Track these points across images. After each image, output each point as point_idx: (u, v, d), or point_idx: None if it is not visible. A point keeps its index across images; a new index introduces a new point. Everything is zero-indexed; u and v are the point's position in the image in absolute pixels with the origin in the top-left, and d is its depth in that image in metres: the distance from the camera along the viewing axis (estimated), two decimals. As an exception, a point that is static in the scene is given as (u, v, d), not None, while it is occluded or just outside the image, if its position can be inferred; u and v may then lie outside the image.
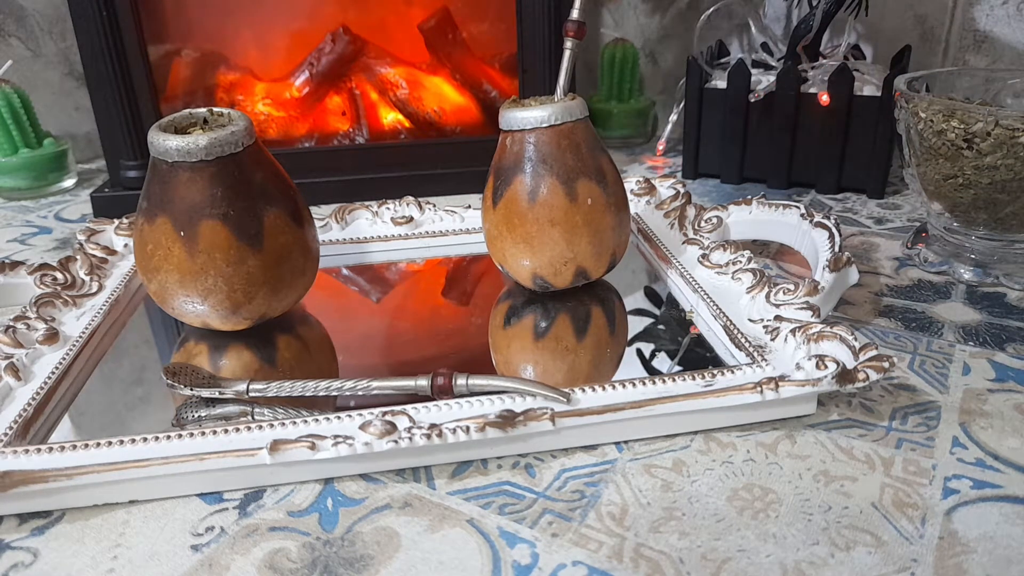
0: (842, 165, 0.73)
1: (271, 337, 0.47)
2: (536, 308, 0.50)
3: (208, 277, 0.43)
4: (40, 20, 0.88)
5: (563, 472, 0.37)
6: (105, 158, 0.73)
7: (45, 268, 0.51)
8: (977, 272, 0.55)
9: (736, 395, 0.38)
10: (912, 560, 0.31)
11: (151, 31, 0.70)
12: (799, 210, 0.54)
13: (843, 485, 0.35)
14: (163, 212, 0.43)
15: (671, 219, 0.58)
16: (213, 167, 0.42)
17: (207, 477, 0.35)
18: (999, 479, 0.35)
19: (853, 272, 0.48)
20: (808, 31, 0.75)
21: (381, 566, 0.31)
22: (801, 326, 0.42)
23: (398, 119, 0.80)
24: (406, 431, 0.35)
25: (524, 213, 0.46)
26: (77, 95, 0.91)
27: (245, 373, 0.44)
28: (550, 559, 0.32)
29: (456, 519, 0.34)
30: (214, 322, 0.45)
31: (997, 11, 0.78)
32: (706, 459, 0.37)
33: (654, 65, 0.98)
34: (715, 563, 0.31)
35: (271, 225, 0.44)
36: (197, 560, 0.32)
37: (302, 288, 0.48)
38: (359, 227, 0.61)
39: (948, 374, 0.44)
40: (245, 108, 0.78)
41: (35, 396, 0.40)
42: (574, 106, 0.46)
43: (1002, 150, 0.49)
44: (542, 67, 0.72)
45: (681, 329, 0.48)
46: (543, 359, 0.46)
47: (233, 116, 0.45)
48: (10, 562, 0.32)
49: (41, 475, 0.34)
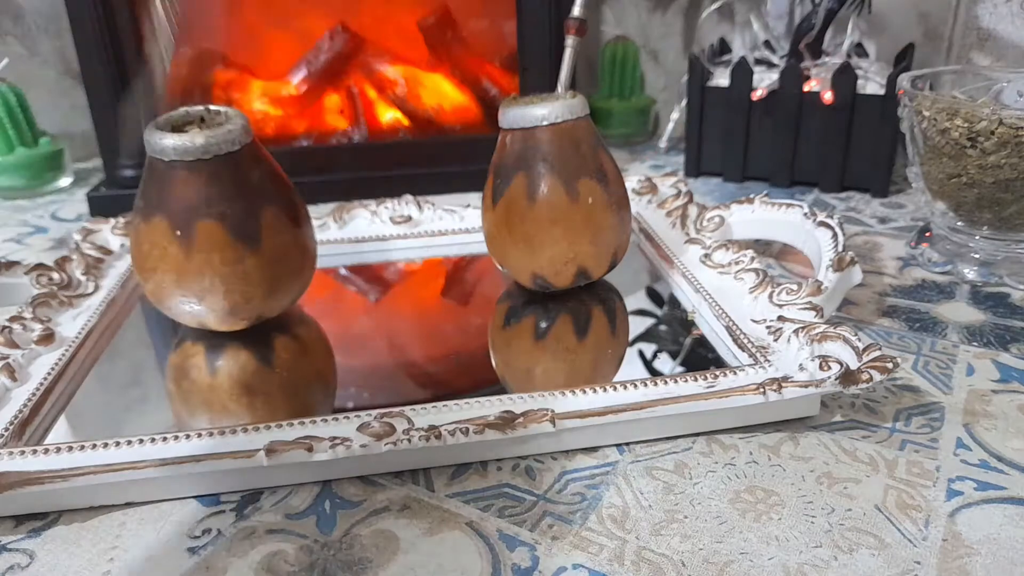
0: (845, 164, 0.73)
1: (268, 337, 0.47)
2: (536, 308, 0.49)
3: (205, 277, 0.42)
4: (36, 18, 0.87)
5: (563, 474, 0.36)
6: (101, 157, 0.72)
7: (41, 268, 0.51)
8: (981, 272, 0.54)
9: (739, 396, 0.37)
10: (915, 562, 0.31)
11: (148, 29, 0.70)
12: (802, 209, 0.54)
13: (846, 487, 0.35)
14: (159, 211, 0.42)
15: (673, 218, 0.58)
16: (210, 166, 0.42)
17: (204, 479, 0.35)
18: (1003, 480, 0.35)
19: (856, 272, 0.47)
20: (811, 29, 0.75)
21: (380, 569, 0.31)
22: (804, 327, 0.41)
23: (397, 117, 0.79)
24: (404, 433, 0.35)
25: (524, 212, 0.46)
26: (73, 94, 0.90)
27: (242, 374, 0.44)
28: (550, 562, 0.31)
29: (455, 522, 0.34)
30: (211, 323, 0.45)
31: (1001, 9, 0.78)
32: (708, 461, 0.37)
33: (655, 63, 0.98)
34: (717, 566, 0.31)
35: (269, 225, 0.43)
36: (194, 563, 0.32)
37: (299, 288, 0.47)
38: (358, 226, 0.61)
39: (952, 375, 0.43)
40: (242, 106, 0.77)
41: (31, 397, 0.40)
42: (575, 104, 0.46)
43: (1006, 149, 0.49)
44: (542, 65, 0.71)
45: (683, 330, 0.48)
46: (543, 360, 0.45)
47: (230, 114, 0.44)
48: (6, 564, 0.32)
49: (37, 477, 0.33)
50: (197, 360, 0.45)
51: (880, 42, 0.82)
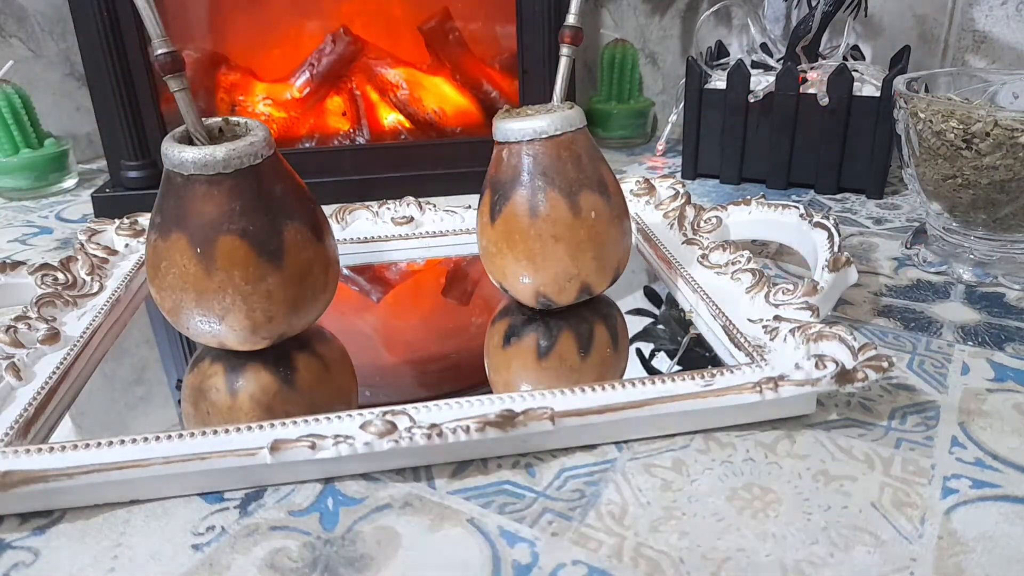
0: (841, 165, 0.73)
1: (288, 356, 0.45)
2: (535, 325, 0.48)
3: (226, 296, 0.40)
4: (41, 20, 0.88)
5: (563, 471, 0.37)
6: (106, 158, 0.73)
7: (46, 268, 0.51)
8: (976, 272, 0.55)
9: (735, 395, 0.38)
10: (911, 559, 0.31)
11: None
12: (798, 210, 0.54)
13: (842, 485, 0.35)
14: (178, 228, 0.40)
15: (670, 219, 0.58)
16: (231, 180, 0.40)
17: (208, 477, 0.35)
18: (998, 479, 0.35)
19: (852, 272, 0.48)
20: (807, 32, 0.75)
21: (382, 565, 0.31)
22: (800, 326, 0.42)
23: (398, 119, 0.80)
24: (406, 431, 0.35)
25: (526, 229, 0.44)
26: (78, 95, 0.91)
27: (263, 394, 0.42)
28: (550, 558, 0.32)
29: (456, 518, 0.34)
30: (231, 342, 0.43)
31: (996, 11, 0.78)
32: (706, 459, 0.37)
33: (654, 66, 0.98)
34: (715, 562, 0.31)
35: (292, 240, 0.42)
36: (198, 559, 0.32)
37: (323, 305, 0.45)
38: (359, 227, 0.61)
39: (947, 374, 0.44)
40: (245, 109, 0.78)
41: (36, 396, 0.40)
42: (573, 115, 0.44)
43: (1001, 150, 0.50)
44: (542, 68, 0.72)
45: (681, 329, 0.49)
46: (545, 378, 0.44)
47: (250, 126, 0.42)
48: (11, 562, 0.32)
49: (42, 475, 0.34)
50: (216, 381, 0.43)
51: (876, 44, 0.83)
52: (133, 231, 0.59)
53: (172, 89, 0.41)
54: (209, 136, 0.42)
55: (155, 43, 0.39)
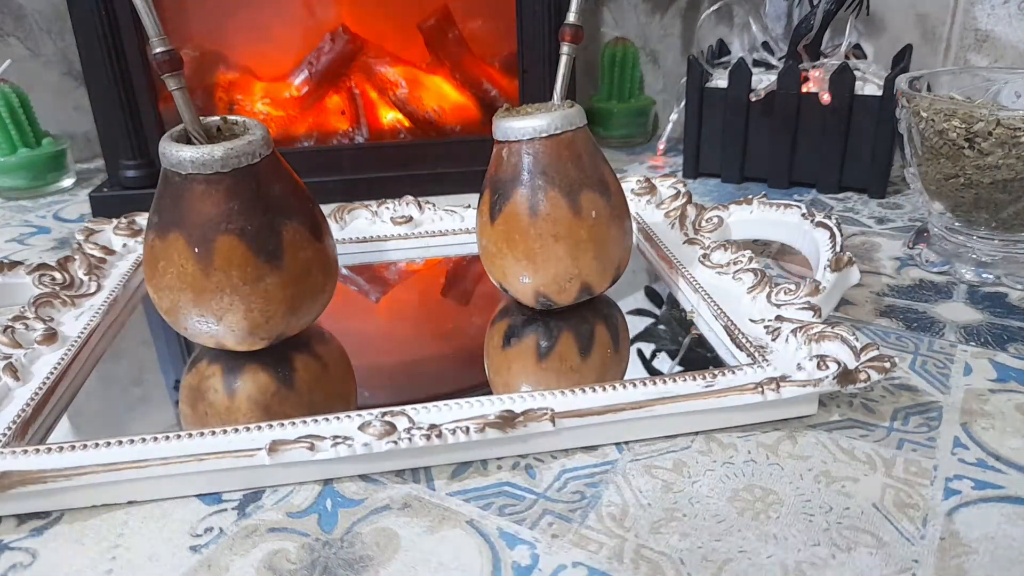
0: (843, 164, 0.73)
1: (287, 356, 0.45)
2: (535, 326, 0.48)
3: (224, 296, 0.40)
4: (39, 19, 0.88)
5: (563, 473, 0.36)
6: (104, 158, 0.73)
7: (43, 268, 0.51)
8: (978, 272, 0.55)
9: (737, 396, 0.38)
10: (913, 561, 0.31)
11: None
12: (800, 210, 0.54)
13: (844, 486, 0.35)
14: (176, 227, 0.40)
15: (672, 219, 0.58)
16: (229, 179, 0.40)
17: (206, 478, 0.35)
18: (1000, 479, 0.35)
19: (854, 272, 0.47)
20: (809, 30, 0.75)
21: (381, 567, 0.31)
22: (802, 326, 0.41)
23: (398, 118, 0.80)
24: (405, 432, 0.35)
25: (526, 229, 0.44)
26: (76, 95, 0.91)
27: (261, 394, 0.42)
28: (550, 560, 0.31)
29: (456, 520, 0.34)
30: (229, 343, 0.43)
31: (999, 10, 0.78)
32: (707, 460, 0.37)
33: (655, 64, 0.98)
34: (716, 564, 0.31)
35: (290, 240, 0.41)
36: (196, 561, 0.32)
37: (321, 306, 0.45)
38: (358, 227, 0.61)
39: (949, 374, 0.44)
40: (244, 107, 0.78)
41: (33, 396, 0.40)
42: (573, 114, 0.44)
43: (1003, 149, 0.49)
44: (542, 66, 0.71)
45: (682, 329, 0.48)
46: (545, 379, 0.44)
47: (248, 125, 0.42)
48: (8, 563, 0.32)
49: (40, 475, 0.34)
50: (214, 381, 0.43)
51: (878, 43, 0.83)
52: (131, 231, 0.58)
53: (170, 88, 0.40)
54: (207, 135, 0.42)
55: (153, 42, 0.39)
